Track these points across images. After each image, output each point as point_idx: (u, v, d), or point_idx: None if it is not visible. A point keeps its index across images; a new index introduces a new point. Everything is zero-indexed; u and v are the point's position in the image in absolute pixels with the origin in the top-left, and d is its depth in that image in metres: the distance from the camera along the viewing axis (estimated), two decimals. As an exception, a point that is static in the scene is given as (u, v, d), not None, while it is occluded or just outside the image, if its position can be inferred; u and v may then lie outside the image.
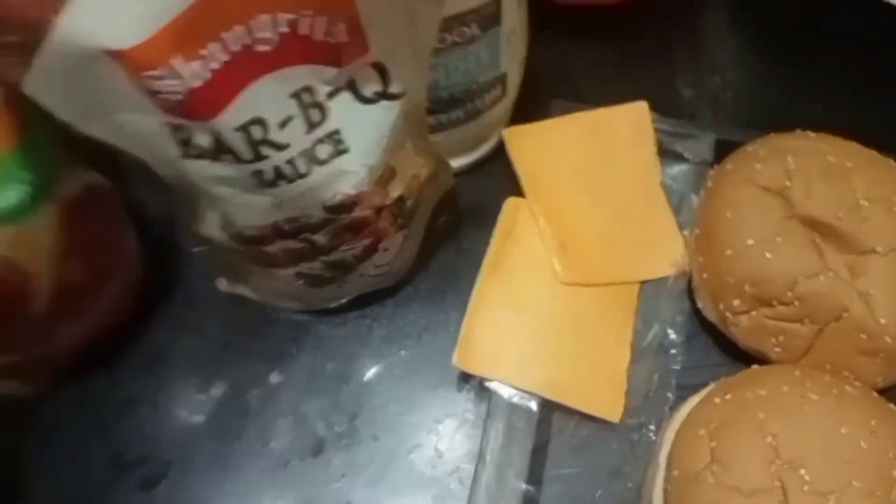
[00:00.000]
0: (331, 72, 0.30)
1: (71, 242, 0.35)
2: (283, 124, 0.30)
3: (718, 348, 0.39)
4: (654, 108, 0.45)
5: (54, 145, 0.33)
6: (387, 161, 0.34)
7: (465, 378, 0.39)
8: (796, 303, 0.35)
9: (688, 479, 0.31)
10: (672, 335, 0.39)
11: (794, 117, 0.41)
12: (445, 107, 0.41)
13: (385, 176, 0.35)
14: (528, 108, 0.46)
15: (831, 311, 0.34)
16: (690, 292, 0.40)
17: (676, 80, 0.51)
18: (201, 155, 0.30)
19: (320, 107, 0.31)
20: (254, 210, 0.33)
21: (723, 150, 0.42)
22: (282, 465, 0.39)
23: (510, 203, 0.43)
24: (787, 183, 0.36)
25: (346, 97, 0.31)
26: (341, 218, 0.35)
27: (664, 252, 0.42)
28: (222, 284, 0.42)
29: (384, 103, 0.32)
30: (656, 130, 0.44)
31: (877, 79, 0.49)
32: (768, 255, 0.35)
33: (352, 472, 0.38)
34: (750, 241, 0.35)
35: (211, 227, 0.35)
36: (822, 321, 0.35)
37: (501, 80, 0.42)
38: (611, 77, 0.51)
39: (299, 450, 0.39)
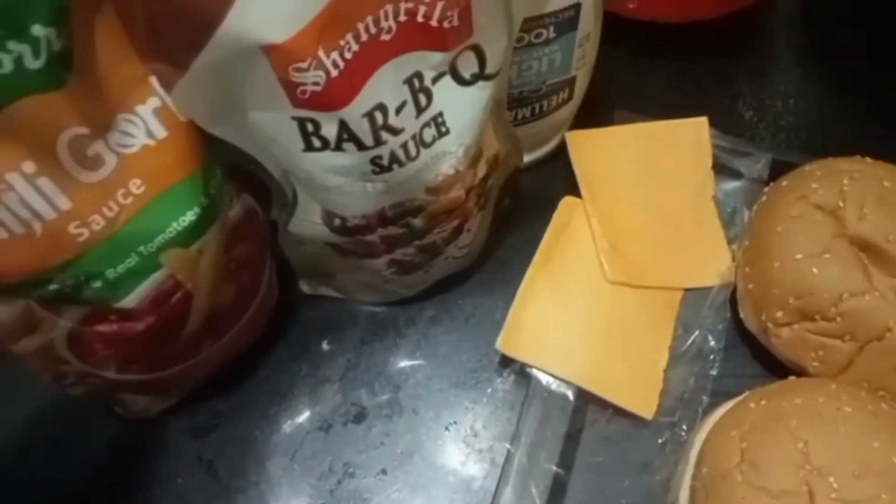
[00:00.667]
0: (437, 57, 0.32)
1: (227, 264, 0.36)
2: (399, 109, 0.32)
3: (756, 360, 0.40)
4: (715, 125, 0.46)
5: (223, 171, 0.34)
6: (478, 140, 0.36)
7: (506, 363, 0.41)
8: (839, 319, 0.35)
9: (716, 476, 0.32)
10: (711, 342, 0.40)
11: (852, 147, 0.42)
12: (514, 105, 0.43)
13: (475, 155, 0.37)
14: (592, 116, 0.48)
15: (873, 330, 0.35)
16: (733, 304, 0.41)
17: (739, 101, 0.52)
18: (324, 146, 0.32)
19: (427, 91, 0.33)
20: (365, 198, 0.35)
21: (778, 171, 0.43)
22: (325, 428, 0.41)
23: (566, 202, 0.44)
24: (841, 203, 0.37)
25: (447, 81, 0.33)
26: (439, 199, 0.36)
27: (710, 262, 0.43)
28: (305, 287, 0.44)
29: (480, 84, 0.34)
30: (714, 146, 0.45)
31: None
32: (815, 270, 0.36)
33: (389, 442, 0.40)
34: (798, 256, 0.36)
35: (311, 223, 0.37)
36: (863, 339, 0.35)
37: (570, 84, 0.44)
38: (675, 93, 0.52)
39: (342, 415, 0.41)
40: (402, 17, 0.30)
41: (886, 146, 0.41)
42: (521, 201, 0.47)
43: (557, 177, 0.47)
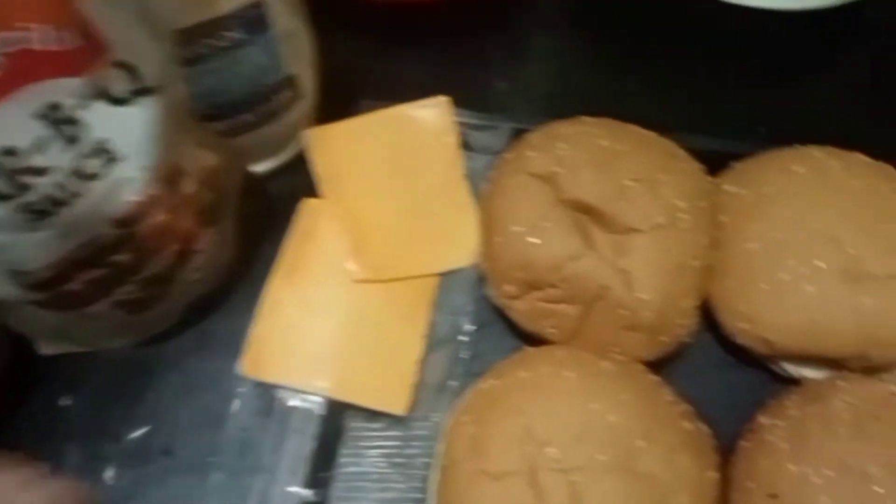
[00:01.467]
0: (74, 82, 0.29)
1: None
2: (38, 148, 0.29)
3: (512, 334, 0.40)
4: (469, 103, 0.45)
5: None
6: (166, 159, 0.33)
7: (258, 385, 0.39)
8: (563, 285, 0.35)
9: (451, 465, 0.32)
10: (464, 324, 0.39)
11: (606, 108, 0.42)
12: (232, 111, 0.41)
13: (171, 174, 0.34)
14: (340, 110, 0.46)
15: (595, 291, 0.35)
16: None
17: (493, 75, 0.52)
18: None
19: (73, 121, 0.30)
20: (39, 248, 0.32)
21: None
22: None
23: (306, 205, 0.42)
24: (557, 169, 0.37)
25: (99, 104, 0.30)
26: (137, 229, 0.34)
27: (463, 243, 0.42)
28: (44, 348, 0.40)
29: (142, 101, 0.32)
30: (460, 124, 0.44)
31: (681, 71, 0.50)
32: (534, 240, 0.35)
33: (142, 490, 0.37)
34: (515, 228, 0.36)
35: (1, 286, 0.33)
36: (587, 301, 0.35)
37: (290, 82, 0.42)
38: (428, 76, 0.51)
39: (87, 472, 0.38)
40: (8, 49, 0.27)
41: (639, 108, 0.41)
42: (269, 210, 0.44)
43: (307, 179, 0.44)
